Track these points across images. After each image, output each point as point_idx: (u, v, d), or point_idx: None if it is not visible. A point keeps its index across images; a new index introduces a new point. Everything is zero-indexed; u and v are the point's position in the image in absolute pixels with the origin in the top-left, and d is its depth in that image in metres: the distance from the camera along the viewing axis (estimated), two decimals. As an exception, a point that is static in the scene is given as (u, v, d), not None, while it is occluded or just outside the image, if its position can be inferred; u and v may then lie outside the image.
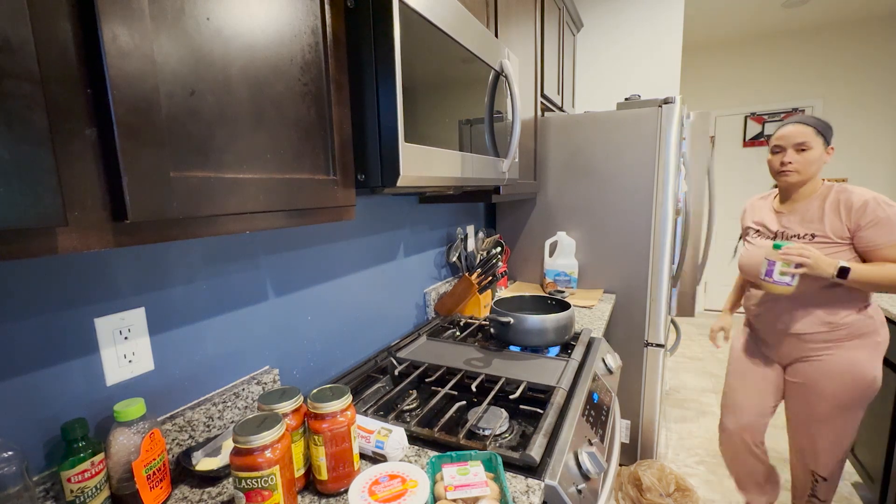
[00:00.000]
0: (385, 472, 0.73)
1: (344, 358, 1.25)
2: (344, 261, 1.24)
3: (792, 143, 1.36)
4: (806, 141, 1.33)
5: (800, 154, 1.35)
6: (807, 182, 1.38)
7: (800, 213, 1.40)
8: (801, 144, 1.35)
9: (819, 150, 1.34)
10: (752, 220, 1.56)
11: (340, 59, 0.73)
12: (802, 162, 1.35)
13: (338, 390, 0.77)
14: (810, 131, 1.34)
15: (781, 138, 1.39)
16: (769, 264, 1.32)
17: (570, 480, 0.81)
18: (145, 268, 0.77)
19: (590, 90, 2.98)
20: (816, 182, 1.41)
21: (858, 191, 1.30)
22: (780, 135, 1.40)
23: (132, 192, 0.43)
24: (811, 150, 1.34)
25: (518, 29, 1.66)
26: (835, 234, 1.31)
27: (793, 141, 1.36)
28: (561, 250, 2.04)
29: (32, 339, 0.64)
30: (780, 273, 1.30)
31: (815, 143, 1.33)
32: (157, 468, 0.71)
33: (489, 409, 0.97)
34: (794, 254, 1.27)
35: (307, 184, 0.67)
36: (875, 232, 1.26)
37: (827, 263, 1.27)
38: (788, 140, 1.37)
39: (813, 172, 1.36)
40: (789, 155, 1.36)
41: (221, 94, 0.53)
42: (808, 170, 1.35)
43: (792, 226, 1.41)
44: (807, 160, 1.34)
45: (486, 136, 1.15)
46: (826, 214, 1.33)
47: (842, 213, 1.30)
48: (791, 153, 1.36)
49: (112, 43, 0.41)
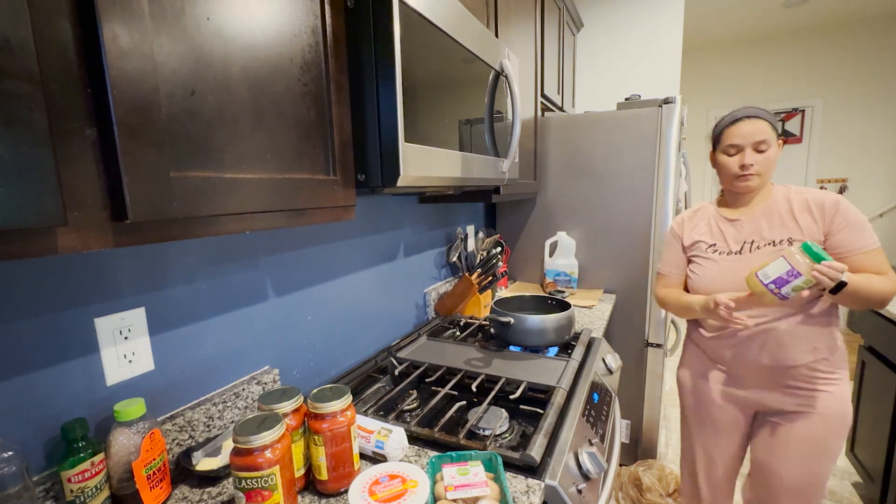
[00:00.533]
0: (385, 472, 0.73)
1: (344, 358, 1.25)
2: (344, 261, 1.24)
3: (751, 141, 1.15)
4: (766, 139, 1.14)
5: (760, 154, 1.15)
6: (764, 185, 1.21)
7: (764, 217, 1.19)
8: (760, 143, 1.14)
9: (776, 149, 1.17)
10: (697, 236, 1.28)
11: (340, 59, 0.73)
12: (763, 163, 1.15)
13: (338, 390, 0.77)
14: (767, 127, 1.14)
15: (739, 136, 1.16)
16: (789, 274, 0.97)
17: (570, 480, 0.81)
18: (145, 268, 0.77)
19: (590, 90, 2.98)
20: (770, 184, 1.24)
21: (818, 191, 1.17)
22: (738, 133, 1.17)
23: (132, 192, 0.43)
24: (770, 149, 1.15)
25: (518, 29, 1.66)
26: (812, 237, 1.12)
27: (752, 139, 1.15)
28: (561, 250, 2.04)
29: (32, 339, 0.64)
30: (793, 288, 0.98)
31: (772, 140, 1.15)
32: (157, 468, 0.71)
33: (489, 410, 0.97)
34: (838, 269, 0.95)
35: (307, 184, 0.67)
36: (848, 235, 1.09)
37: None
38: (747, 138, 1.15)
39: (770, 174, 1.19)
40: (749, 156, 1.15)
41: (222, 93, 0.53)
42: (769, 171, 1.17)
43: (760, 233, 1.19)
44: (767, 160, 1.15)
45: (486, 136, 1.15)
46: (797, 215, 1.15)
47: (814, 212, 1.13)
48: (751, 153, 1.15)
49: (112, 43, 0.41)
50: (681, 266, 1.34)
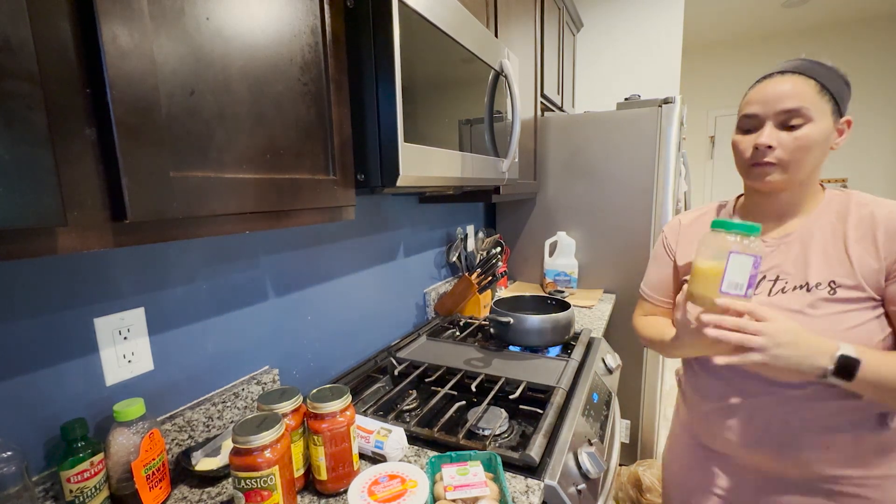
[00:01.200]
0: (384, 472, 0.73)
1: (344, 358, 1.25)
2: (344, 261, 1.24)
3: (774, 109, 0.73)
4: (801, 107, 0.71)
5: (789, 132, 0.72)
6: (801, 185, 0.77)
7: (800, 240, 0.77)
8: (790, 114, 0.72)
9: (824, 125, 0.72)
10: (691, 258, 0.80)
11: (340, 59, 0.73)
12: (793, 146, 0.72)
13: (337, 390, 0.77)
14: (808, 88, 0.72)
15: (759, 102, 0.75)
16: (755, 264, 0.65)
17: (569, 480, 0.81)
18: (145, 268, 0.77)
19: (590, 90, 2.98)
20: (816, 185, 0.79)
21: (891, 203, 0.73)
22: (758, 96, 0.75)
23: (132, 191, 0.43)
24: (811, 124, 0.71)
25: (518, 29, 1.66)
26: (868, 283, 0.70)
27: (775, 107, 0.73)
28: (561, 250, 2.04)
29: (32, 338, 0.64)
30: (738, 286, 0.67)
31: (816, 110, 0.71)
32: (157, 468, 0.71)
33: (489, 409, 0.97)
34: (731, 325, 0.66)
35: (307, 184, 0.67)
36: None
37: (815, 349, 0.64)
38: (769, 105, 0.73)
39: (811, 166, 0.74)
40: (769, 133, 0.73)
41: (221, 93, 0.53)
42: (805, 162, 0.73)
43: (787, 266, 0.77)
44: (801, 143, 0.71)
45: (485, 136, 1.15)
46: (850, 242, 0.72)
47: (879, 240, 0.70)
48: (771, 130, 0.73)
49: (111, 43, 0.41)
50: (669, 291, 0.96)
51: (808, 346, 0.64)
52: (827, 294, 0.71)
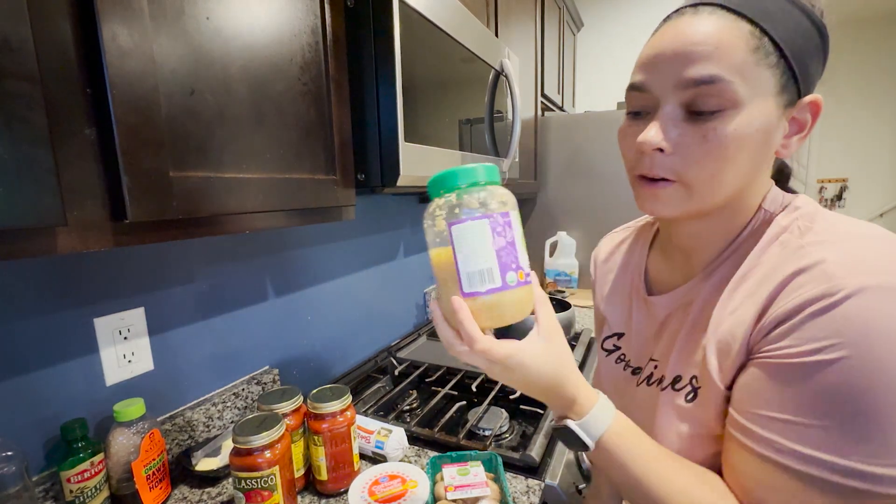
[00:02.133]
0: (385, 472, 0.73)
1: (344, 358, 1.25)
2: (344, 261, 1.24)
3: (674, 79, 0.42)
4: (718, 76, 0.40)
5: (696, 123, 0.42)
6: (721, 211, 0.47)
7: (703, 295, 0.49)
8: (702, 88, 0.40)
9: (762, 109, 0.41)
10: (608, 302, 0.66)
11: (340, 59, 0.73)
12: (702, 150, 0.42)
13: (338, 390, 0.77)
14: (741, 39, 0.40)
15: (647, 65, 0.45)
16: (498, 226, 0.40)
17: (570, 481, 0.81)
18: (145, 268, 0.77)
19: (590, 90, 2.98)
20: (749, 207, 0.48)
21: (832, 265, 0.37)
22: (648, 55, 0.45)
23: (132, 191, 0.43)
24: (736, 111, 0.40)
25: (518, 28, 1.66)
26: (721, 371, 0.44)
27: (678, 73, 0.42)
28: (561, 250, 2.04)
29: (32, 338, 0.64)
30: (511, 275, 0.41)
31: (751, 81, 0.40)
32: (157, 468, 0.71)
33: (489, 410, 0.97)
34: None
35: (307, 183, 0.67)
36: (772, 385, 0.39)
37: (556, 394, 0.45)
38: (665, 70, 0.43)
39: (736, 181, 0.44)
40: (662, 125, 0.43)
41: (221, 93, 0.53)
42: (722, 175, 0.43)
43: (661, 343, 0.54)
44: (717, 145, 0.41)
45: (486, 136, 1.14)
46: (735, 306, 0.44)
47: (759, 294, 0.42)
48: (667, 119, 0.43)
49: (112, 42, 0.41)
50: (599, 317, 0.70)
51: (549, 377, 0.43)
52: (688, 398, 0.48)
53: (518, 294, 0.41)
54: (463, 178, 0.41)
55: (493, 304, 0.40)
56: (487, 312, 0.41)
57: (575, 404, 0.45)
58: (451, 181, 0.41)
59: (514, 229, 0.41)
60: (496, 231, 0.40)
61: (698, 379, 0.47)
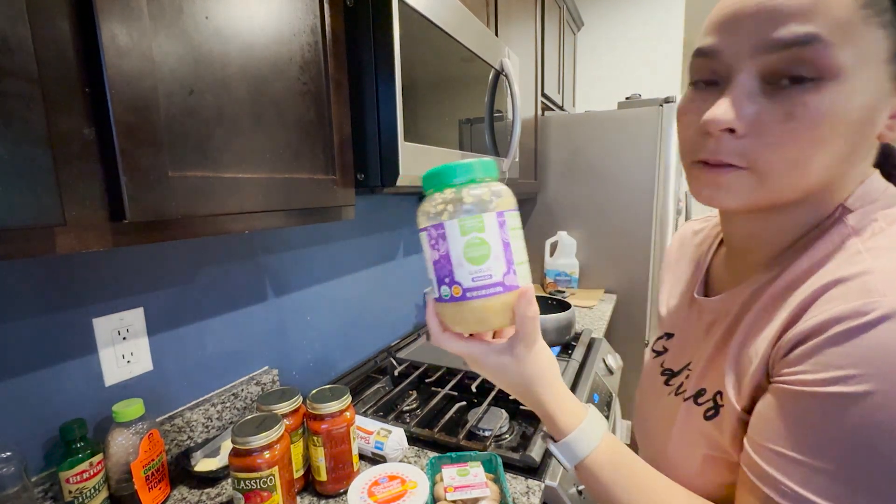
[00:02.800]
0: (384, 472, 0.72)
1: (343, 358, 1.25)
2: (344, 261, 1.24)
3: (757, 39, 0.34)
4: (819, 35, 0.31)
5: (780, 97, 0.34)
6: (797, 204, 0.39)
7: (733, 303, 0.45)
8: (794, 50, 0.32)
9: (866, 82, 0.33)
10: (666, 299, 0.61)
11: (340, 58, 0.73)
12: (786, 130, 0.34)
13: (337, 391, 0.76)
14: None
15: (722, 25, 0.37)
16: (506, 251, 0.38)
17: (570, 481, 0.80)
18: (144, 268, 0.77)
19: (590, 89, 2.98)
20: (829, 195, 0.38)
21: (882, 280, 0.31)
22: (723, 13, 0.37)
23: (130, 191, 0.43)
24: (836, 81, 0.32)
25: (518, 28, 1.65)
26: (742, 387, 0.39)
27: (762, 33, 0.33)
28: (561, 250, 2.04)
29: (31, 339, 0.64)
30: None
31: (856, 44, 0.32)
32: (156, 469, 0.71)
33: (489, 410, 0.97)
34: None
35: (306, 183, 0.67)
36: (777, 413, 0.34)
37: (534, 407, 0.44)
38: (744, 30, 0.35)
39: (823, 171, 0.35)
40: (734, 100, 0.35)
41: (220, 93, 0.53)
42: (810, 163, 0.34)
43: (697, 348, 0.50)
44: (810, 124, 0.33)
45: (486, 136, 1.14)
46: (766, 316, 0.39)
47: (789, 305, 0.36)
48: (742, 90, 0.35)
49: (111, 42, 0.41)
50: None
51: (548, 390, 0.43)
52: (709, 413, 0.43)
53: (491, 302, 0.38)
54: (467, 172, 0.39)
55: (461, 309, 0.39)
56: (459, 316, 0.40)
57: (556, 423, 0.43)
58: (434, 180, 0.40)
59: (503, 228, 0.38)
60: (490, 226, 0.38)
61: (723, 396, 0.41)
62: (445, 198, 0.38)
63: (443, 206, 0.38)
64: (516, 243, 0.39)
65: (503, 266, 0.38)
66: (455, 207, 0.38)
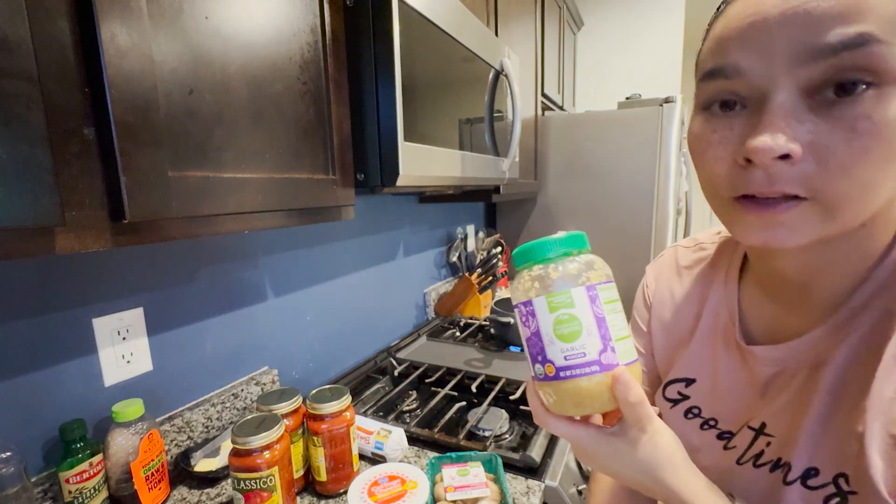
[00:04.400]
0: (384, 473, 0.72)
1: (343, 358, 1.25)
2: (343, 261, 1.24)
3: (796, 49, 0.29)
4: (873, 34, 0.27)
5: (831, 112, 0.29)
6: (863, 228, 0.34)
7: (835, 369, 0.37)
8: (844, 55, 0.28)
9: None
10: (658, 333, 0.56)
11: (339, 58, 0.73)
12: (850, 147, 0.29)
13: (337, 391, 0.76)
14: None
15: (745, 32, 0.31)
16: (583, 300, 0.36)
17: (570, 481, 0.80)
18: (144, 268, 0.77)
19: (590, 89, 2.97)
20: (888, 214, 0.35)
21: None
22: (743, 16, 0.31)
23: (130, 191, 0.43)
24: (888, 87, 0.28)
25: (518, 27, 1.65)
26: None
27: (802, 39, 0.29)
28: (561, 250, 2.03)
29: (30, 339, 0.64)
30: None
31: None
32: (156, 469, 0.71)
33: (489, 410, 0.96)
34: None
35: (306, 183, 0.67)
36: None
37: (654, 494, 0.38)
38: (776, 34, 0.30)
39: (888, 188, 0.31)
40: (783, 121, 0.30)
41: (220, 93, 0.53)
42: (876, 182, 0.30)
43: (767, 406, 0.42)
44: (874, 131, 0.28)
45: (486, 136, 1.14)
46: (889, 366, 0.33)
47: None
48: (786, 110, 0.30)
49: (110, 42, 0.41)
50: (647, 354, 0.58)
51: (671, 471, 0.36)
52: (828, 497, 0.36)
53: (586, 382, 0.35)
54: (569, 245, 0.38)
55: (557, 389, 0.37)
56: (556, 396, 0.37)
57: None
58: (522, 257, 0.39)
59: (595, 303, 0.36)
60: (582, 302, 0.36)
61: (850, 480, 0.34)
62: (533, 274, 0.38)
63: (530, 283, 0.37)
64: (613, 318, 0.37)
65: (598, 343, 0.35)
66: (542, 284, 0.37)
